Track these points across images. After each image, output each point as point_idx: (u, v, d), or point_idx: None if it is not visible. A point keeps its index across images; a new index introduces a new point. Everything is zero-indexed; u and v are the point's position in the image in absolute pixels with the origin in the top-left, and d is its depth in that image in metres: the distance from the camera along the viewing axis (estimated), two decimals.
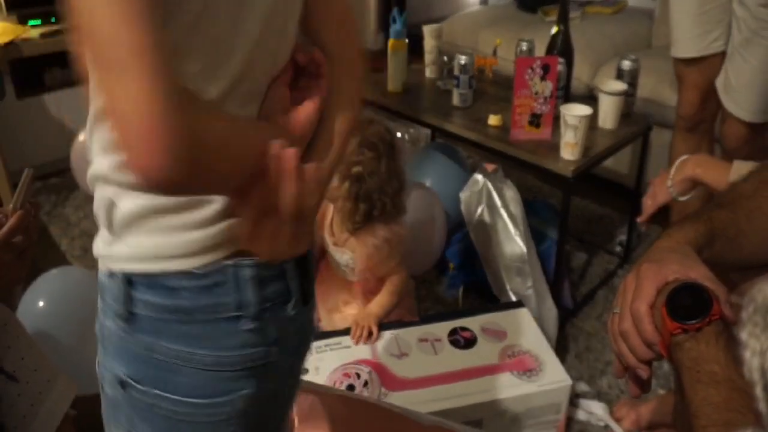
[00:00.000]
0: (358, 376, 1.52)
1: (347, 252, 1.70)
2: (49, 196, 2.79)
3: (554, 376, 1.54)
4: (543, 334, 1.67)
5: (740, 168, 1.22)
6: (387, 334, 1.64)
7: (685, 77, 1.95)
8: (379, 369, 1.55)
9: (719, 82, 1.85)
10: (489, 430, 1.53)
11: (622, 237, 2.39)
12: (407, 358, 1.58)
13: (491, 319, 1.69)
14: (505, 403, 1.50)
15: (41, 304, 1.68)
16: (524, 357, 1.58)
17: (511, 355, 1.59)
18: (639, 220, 1.38)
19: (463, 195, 1.97)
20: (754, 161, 1.23)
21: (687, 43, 1.89)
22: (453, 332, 1.65)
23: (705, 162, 1.28)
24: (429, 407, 1.46)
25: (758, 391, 0.57)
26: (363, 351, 1.59)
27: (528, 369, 1.55)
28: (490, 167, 1.94)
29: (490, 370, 1.55)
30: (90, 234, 2.54)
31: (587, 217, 2.62)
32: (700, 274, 0.78)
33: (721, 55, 1.84)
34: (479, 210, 1.93)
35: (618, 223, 2.55)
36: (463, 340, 1.63)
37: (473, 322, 1.68)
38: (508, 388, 1.51)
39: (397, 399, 1.47)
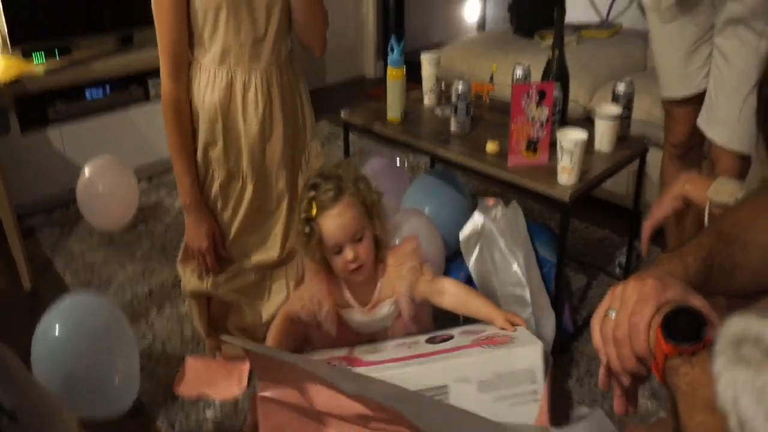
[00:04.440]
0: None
1: (385, 305, 1.61)
2: (53, 228, 2.82)
3: (524, 341, 1.42)
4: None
5: (721, 185, 1.24)
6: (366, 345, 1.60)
7: (674, 110, 1.97)
8: (349, 359, 1.50)
9: (702, 120, 1.84)
10: (457, 400, 1.37)
11: (622, 258, 2.40)
12: (380, 354, 1.52)
13: (474, 326, 1.60)
14: (469, 367, 1.38)
15: (56, 331, 1.70)
16: (499, 338, 1.46)
17: (486, 338, 1.48)
18: (642, 246, 1.39)
19: (462, 235, 1.98)
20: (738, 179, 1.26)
21: (678, 83, 1.90)
22: (432, 338, 1.58)
23: (693, 179, 1.30)
24: (386, 373, 1.37)
25: (733, 423, 0.58)
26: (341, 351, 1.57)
27: (500, 343, 1.43)
28: (490, 202, 1.95)
29: (460, 348, 1.44)
30: (93, 266, 2.57)
31: (586, 239, 2.63)
32: (699, 303, 0.80)
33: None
34: (476, 250, 1.94)
35: (617, 244, 2.57)
36: (439, 339, 1.55)
37: (455, 330, 1.59)
38: (474, 355, 1.40)
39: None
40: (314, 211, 1.50)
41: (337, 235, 1.50)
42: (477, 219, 1.96)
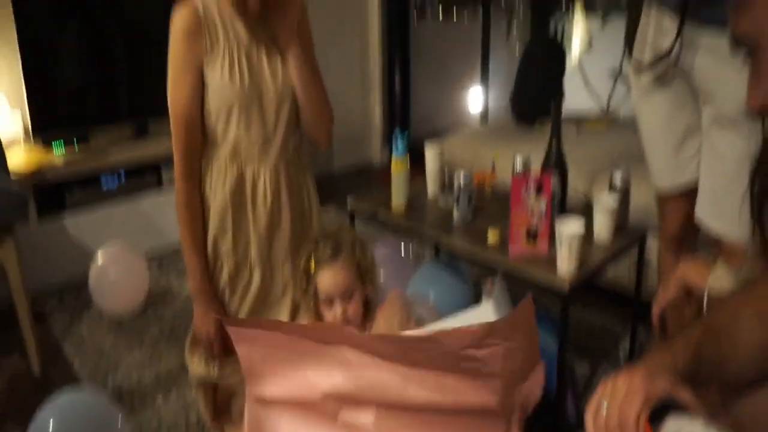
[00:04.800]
0: None
1: None
2: (64, 313, 2.86)
3: None
4: None
5: (719, 273, 1.28)
6: None
7: (668, 203, 1.99)
8: None
9: (702, 214, 1.82)
10: None
11: (625, 345, 2.41)
12: None
13: None
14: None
15: (50, 428, 1.73)
16: None
17: None
18: (655, 332, 1.42)
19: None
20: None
21: (671, 172, 1.92)
22: None
23: (693, 266, 1.34)
24: None
25: None
26: None
27: None
28: (489, 285, 2.00)
29: None
30: (102, 350, 2.59)
31: (588, 326, 2.65)
32: (686, 396, 0.83)
33: None
34: None
35: (620, 331, 2.58)
36: None
37: None
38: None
39: None
40: (312, 266, 1.64)
41: (330, 290, 1.62)
42: (483, 303, 1.99)
